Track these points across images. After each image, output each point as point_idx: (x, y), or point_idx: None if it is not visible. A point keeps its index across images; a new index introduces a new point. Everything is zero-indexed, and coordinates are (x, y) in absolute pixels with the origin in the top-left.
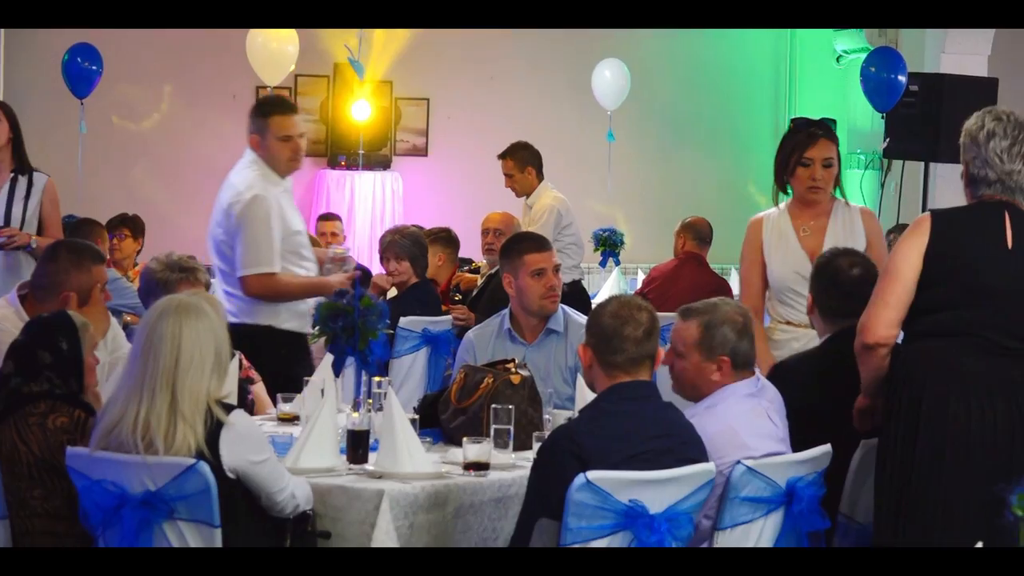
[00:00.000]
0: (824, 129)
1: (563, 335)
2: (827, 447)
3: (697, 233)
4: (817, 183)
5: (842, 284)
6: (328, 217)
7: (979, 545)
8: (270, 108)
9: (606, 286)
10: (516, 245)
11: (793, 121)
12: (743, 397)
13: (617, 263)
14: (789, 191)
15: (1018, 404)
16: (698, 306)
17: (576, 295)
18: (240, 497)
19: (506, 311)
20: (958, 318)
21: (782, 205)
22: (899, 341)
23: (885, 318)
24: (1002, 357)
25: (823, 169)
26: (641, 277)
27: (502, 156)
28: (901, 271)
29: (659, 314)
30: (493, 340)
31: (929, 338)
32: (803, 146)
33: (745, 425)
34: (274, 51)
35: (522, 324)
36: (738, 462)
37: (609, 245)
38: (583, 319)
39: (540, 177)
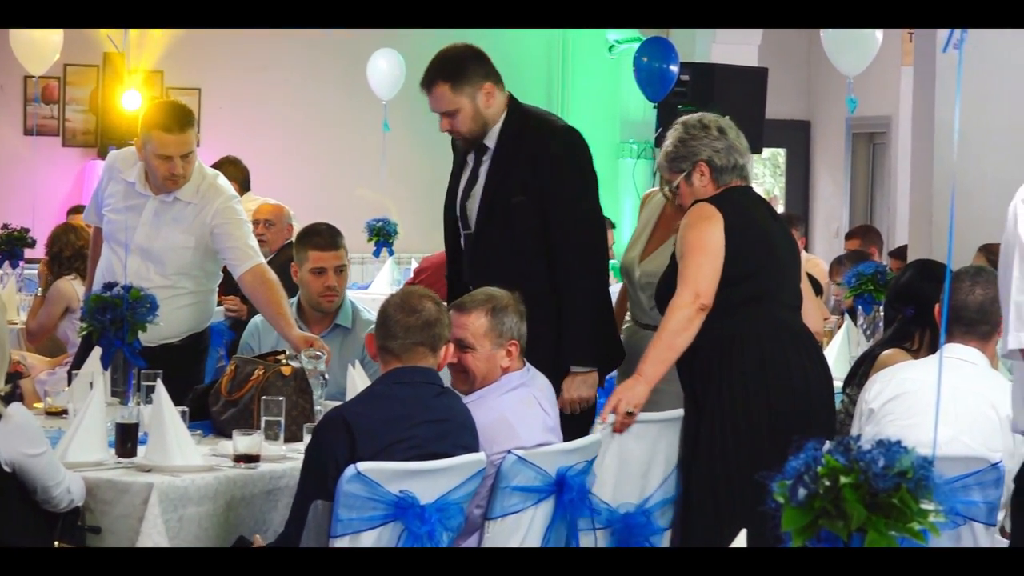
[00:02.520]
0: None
1: (351, 331)
2: (597, 436)
3: None
4: None
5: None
6: (78, 210)
7: (743, 533)
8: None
9: (379, 276)
10: (305, 238)
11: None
12: (514, 387)
13: (391, 253)
14: None
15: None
16: (476, 297)
17: None
18: (14, 490)
19: (295, 299)
20: (766, 284)
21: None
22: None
23: (712, 286)
24: (796, 312)
25: None
26: (414, 267)
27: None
28: (712, 247)
29: None
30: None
31: (751, 304)
32: None
33: (517, 414)
34: (38, 41)
35: (308, 315)
36: (509, 452)
37: (382, 235)
38: (372, 316)
39: (245, 190)
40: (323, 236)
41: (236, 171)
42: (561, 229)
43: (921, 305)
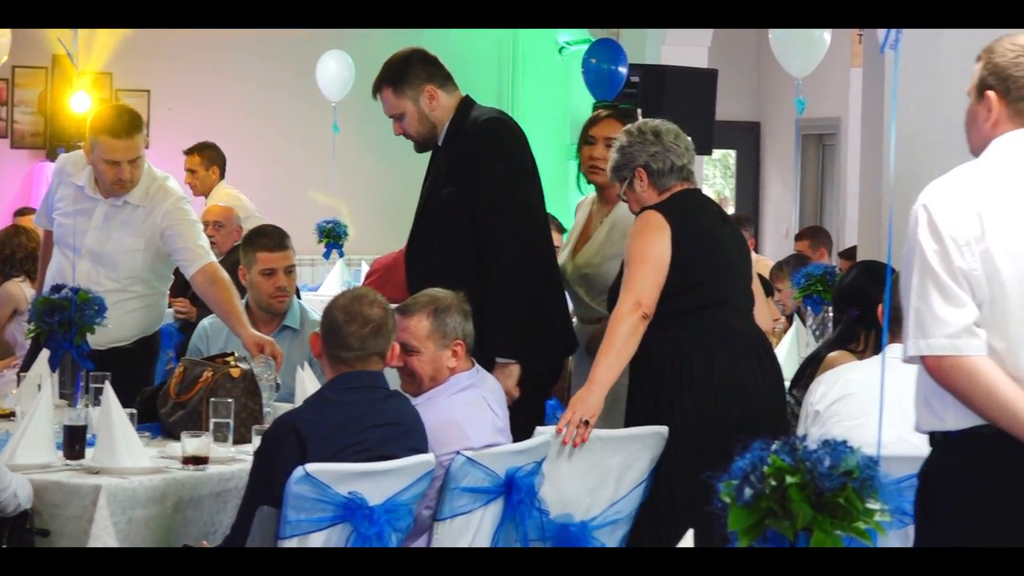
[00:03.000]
0: (617, 111)
1: (299, 332)
2: (546, 437)
3: None
4: (596, 162)
5: None
6: (25, 212)
7: (690, 533)
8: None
9: (329, 277)
10: (253, 240)
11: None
12: (463, 387)
13: (341, 255)
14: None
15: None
16: (419, 299)
17: None
18: None
19: (243, 301)
20: (717, 291)
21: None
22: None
23: (654, 295)
24: (749, 316)
25: (605, 149)
26: (364, 269)
27: (189, 152)
28: (656, 257)
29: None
30: (228, 330)
31: (703, 311)
32: (590, 124)
33: (465, 415)
34: None
35: (256, 316)
36: (458, 453)
37: (332, 237)
38: (317, 316)
39: (222, 177)
40: (271, 237)
41: (217, 156)
42: (485, 221)
43: (865, 306)
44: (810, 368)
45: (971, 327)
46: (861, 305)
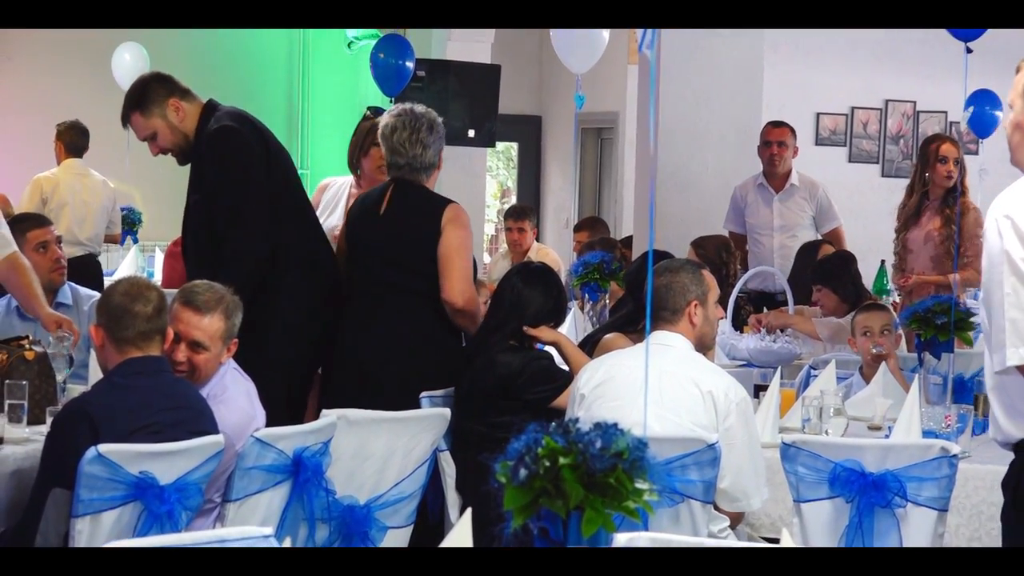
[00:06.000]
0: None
1: (73, 307)
2: (332, 418)
3: None
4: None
5: None
6: None
7: (468, 512)
8: None
9: (125, 263)
10: (18, 223)
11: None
12: (236, 374)
13: (136, 241)
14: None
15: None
16: (208, 298)
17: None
18: None
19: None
20: (349, 274)
21: None
22: None
23: None
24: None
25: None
26: (159, 255)
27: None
28: None
29: None
30: (2, 316)
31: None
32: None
33: (255, 403)
34: None
35: None
36: (251, 436)
37: (127, 224)
38: (93, 293)
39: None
40: (32, 217)
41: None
42: (215, 225)
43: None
44: (586, 349)
45: None
46: (643, 292)
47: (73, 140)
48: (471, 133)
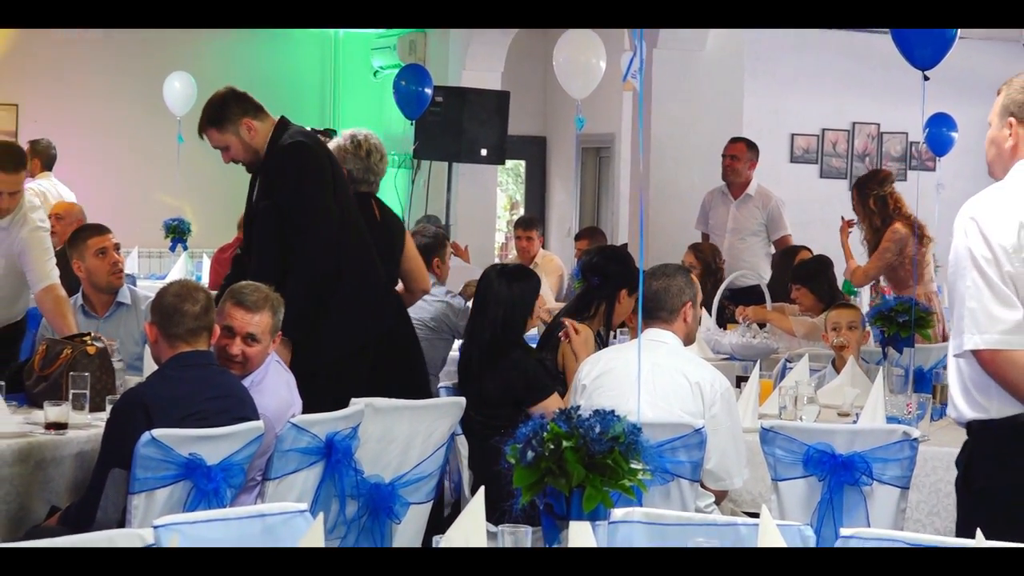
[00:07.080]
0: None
1: (132, 307)
2: (361, 406)
3: None
4: None
5: None
6: None
7: (482, 490)
8: None
9: (175, 268)
10: (77, 234)
11: None
12: (279, 366)
13: (185, 248)
14: None
15: None
16: (257, 297)
17: None
18: None
19: (77, 295)
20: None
21: None
22: None
23: None
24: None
25: None
26: (206, 260)
27: None
28: None
29: None
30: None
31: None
32: None
33: (293, 392)
34: None
35: (94, 300)
36: (289, 422)
37: (177, 233)
38: (148, 294)
39: (45, 168)
40: (93, 226)
41: (39, 150)
42: (287, 228)
43: (605, 278)
44: (556, 332)
45: (1021, 324)
46: (602, 276)
47: (48, 156)
48: (483, 152)
